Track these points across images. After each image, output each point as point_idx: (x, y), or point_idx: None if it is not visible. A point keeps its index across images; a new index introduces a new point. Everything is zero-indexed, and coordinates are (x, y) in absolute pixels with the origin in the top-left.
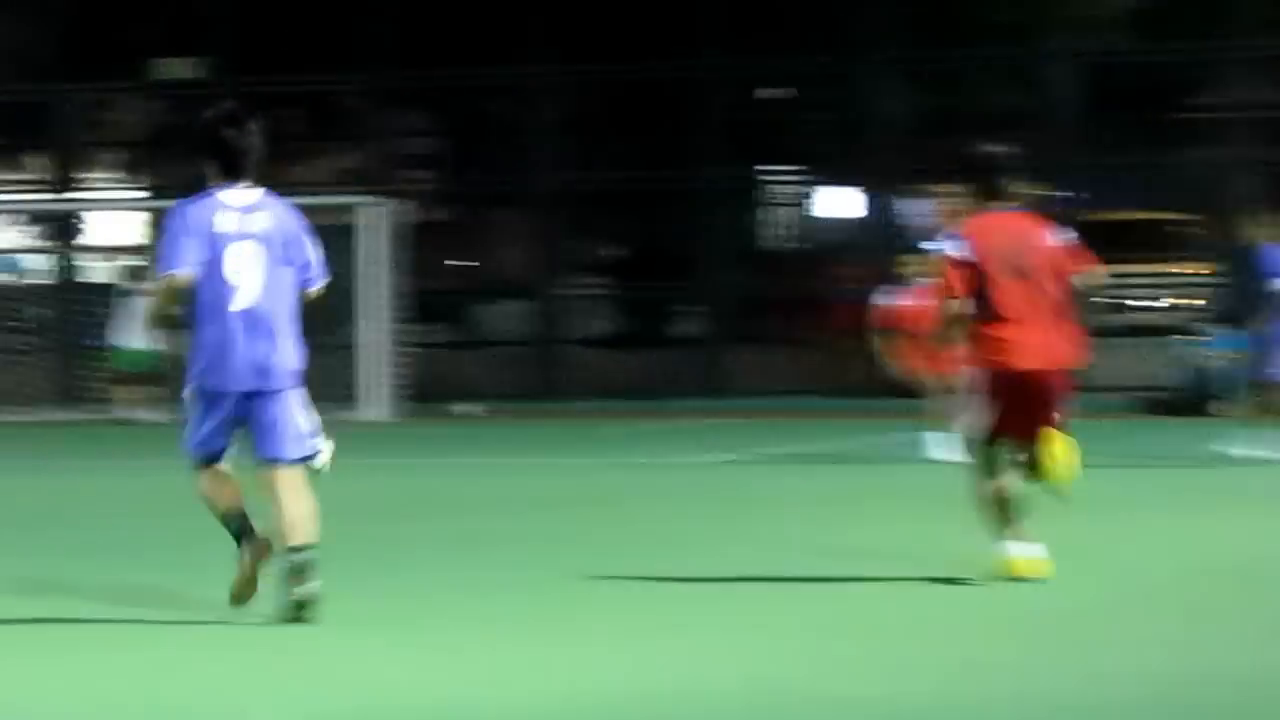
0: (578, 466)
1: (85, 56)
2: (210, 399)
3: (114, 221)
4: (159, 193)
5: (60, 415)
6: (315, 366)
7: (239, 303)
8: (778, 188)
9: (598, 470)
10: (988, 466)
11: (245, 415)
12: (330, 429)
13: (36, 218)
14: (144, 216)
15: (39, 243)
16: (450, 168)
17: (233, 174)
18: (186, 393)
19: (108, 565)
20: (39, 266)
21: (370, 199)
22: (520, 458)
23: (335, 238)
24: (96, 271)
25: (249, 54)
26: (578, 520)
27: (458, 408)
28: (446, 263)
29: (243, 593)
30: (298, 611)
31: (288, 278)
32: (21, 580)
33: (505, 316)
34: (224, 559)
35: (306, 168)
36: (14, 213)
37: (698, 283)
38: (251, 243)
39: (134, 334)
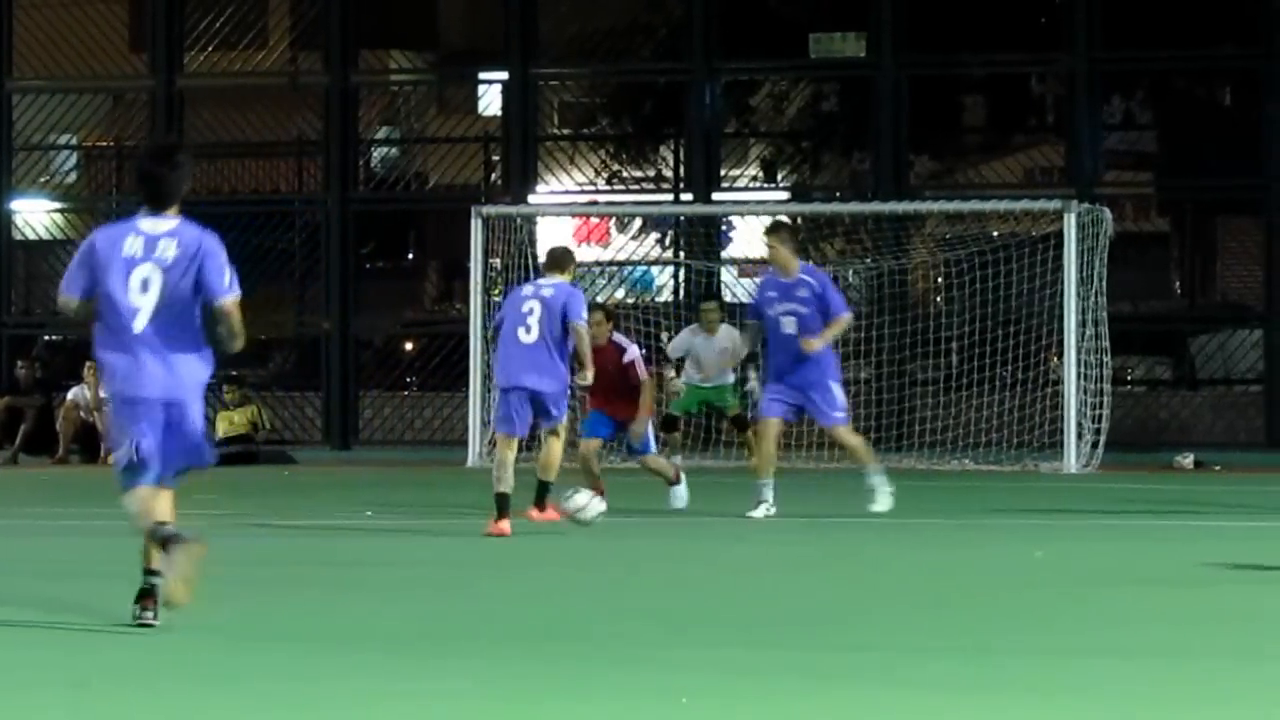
0: None
1: (732, 29)
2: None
3: (759, 228)
4: (805, 193)
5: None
6: (1009, 406)
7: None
8: None
9: None
10: None
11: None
12: (1017, 479)
13: (671, 223)
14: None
15: (673, 253)
16: (1166, 168)
17: (155, 204)
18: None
19: None
20: (672, 282)
21: (1079, 205)
22: (1245, 520)
23: (1027, 250)
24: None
25: (921, 29)
26: None
27: (1179, 459)
28: (1160, 283)
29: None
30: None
31: (188, 298)
32: None
33: (1231, 350)
34: None
35: (990, 166)
36: (646, 216)
37: None
38: (154, 266)
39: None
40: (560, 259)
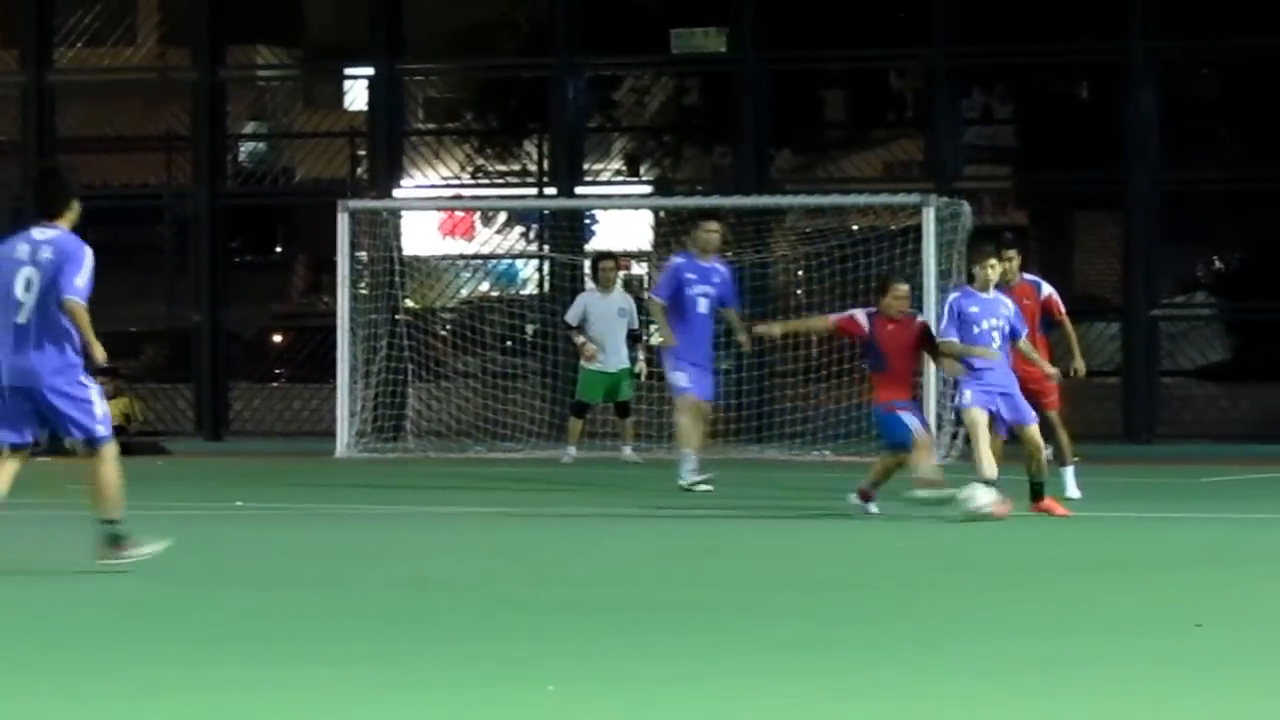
0: (1176, 521)
1: (596, 25)
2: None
3: (623, 222)
4: (668, 187)
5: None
6: (869, 397)
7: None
8: None
9: (1202, 526)
10: None
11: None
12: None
13: (535, 217)
14: (650, 217)
15: (538, 247)
16: (1025, 162)
17: (43, 217)
18: None
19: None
20: (536, 275)
21: (939, 199)
22: (1106, 511)
23: (887, 243)
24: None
25: (782, 24)
26: (1181, 585)
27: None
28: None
29: None
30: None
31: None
32: None
33: (1089, 343)
34: None
35: (851, 160)
36: (509, 210)
37: None
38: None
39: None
40: None
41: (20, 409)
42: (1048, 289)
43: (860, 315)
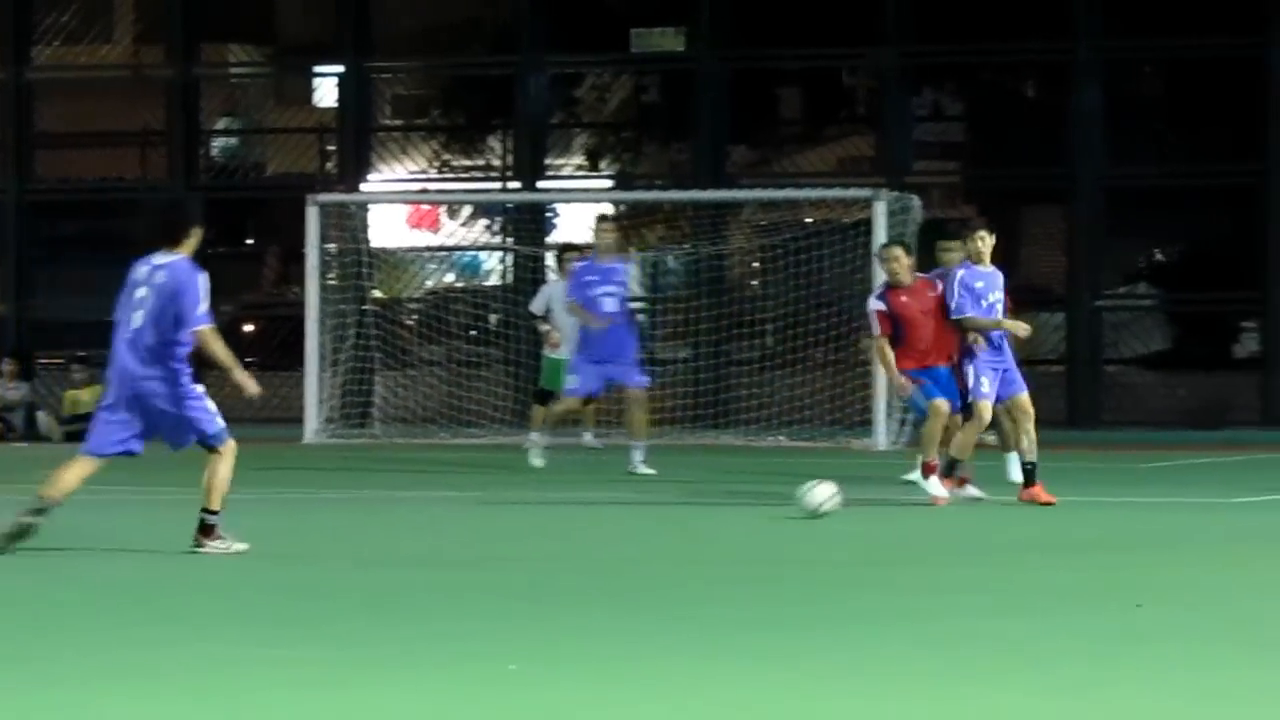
0: (1119, 505)
1: (558, 24)
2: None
3: (584, 215)
4: (628, 182)
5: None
6: (822, 385)
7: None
8: None
9: (1142, 510)
10: None
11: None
12: (830, 455)
13: (499, 210)
14: (610, 210)
15: (502, 240)
16: (974, 158)
17: (165, 244)
18: None
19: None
20: (500, 267)
21: (889, 193)
22: (1051, 495)
23: (839, 236)
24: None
25: (739, 24)
26: (1124, 566)
27: (986, 437)
28: None
29: None
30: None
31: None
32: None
33: (1035, 332)
34: None
35: (805, 156)
36: (474, 204)
37: (1265, 294)
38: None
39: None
40: None
41: (129, 421)
42: None
43: (876, 304)
